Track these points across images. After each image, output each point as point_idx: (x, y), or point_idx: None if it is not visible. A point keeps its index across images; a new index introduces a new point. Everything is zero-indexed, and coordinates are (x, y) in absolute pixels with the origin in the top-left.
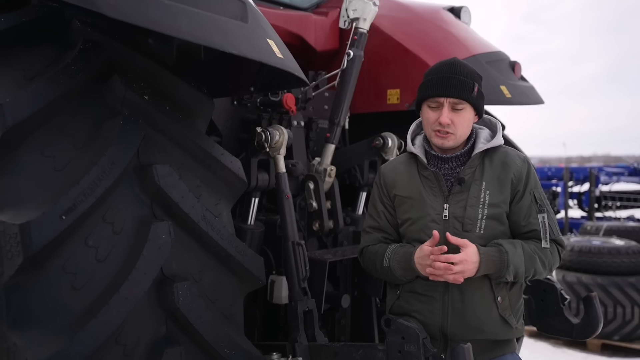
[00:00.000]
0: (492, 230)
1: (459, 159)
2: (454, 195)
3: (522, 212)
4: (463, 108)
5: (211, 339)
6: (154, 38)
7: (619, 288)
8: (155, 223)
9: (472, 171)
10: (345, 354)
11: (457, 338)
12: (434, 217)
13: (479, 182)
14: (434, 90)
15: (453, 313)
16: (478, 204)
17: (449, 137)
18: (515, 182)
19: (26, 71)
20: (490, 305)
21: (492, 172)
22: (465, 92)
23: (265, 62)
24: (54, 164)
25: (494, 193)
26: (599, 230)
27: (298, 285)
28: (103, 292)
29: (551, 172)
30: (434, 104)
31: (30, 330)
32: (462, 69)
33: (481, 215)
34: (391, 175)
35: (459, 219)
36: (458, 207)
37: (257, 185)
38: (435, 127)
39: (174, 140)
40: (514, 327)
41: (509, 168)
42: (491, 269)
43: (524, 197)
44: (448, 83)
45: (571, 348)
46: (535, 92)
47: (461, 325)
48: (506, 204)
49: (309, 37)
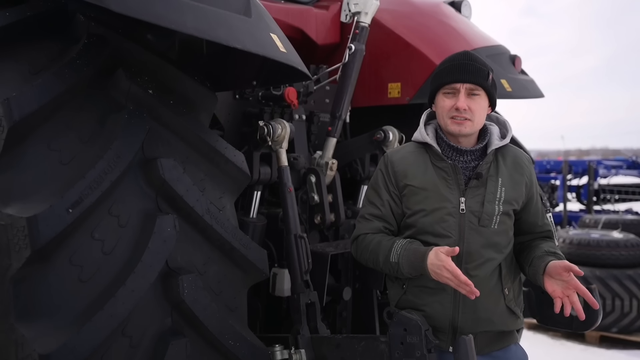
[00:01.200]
0: (503, 225)
1: (474, 153)
2: (471, 190)
3: (538, 214)
4: (479, 94)
5: (216, 330)
6: (158, 32)
7: (617, 281)
8: (161, 216)
9: (488, 167)
10: (347, 346)
11: (466, 330)
12: (450, 210)
13: (495, 179)
14: (451, 77)
15: (464, 306)
16: (495, 199)
17: (466, 124)
18: (528, 184)
19: (31, 66)
20: (499, 297)
21: (505, 169)
22: (482, 77)
23: (269, 57)
24: (60, 158)
25: (508, 190)
26: (597, 223)
27: (300, 277)
28: (109, 285)
29: (550, 166)
30: (450, 91)
31: (38, 322)
32: (477, 57)
33: (497, 211)
34: (401, 164)
35: (476, 213)
36: (475, 202)
37: (260, 178)
38: (451, 114)
39: (178, 134)
40: (519, 317)
41: (522, 170)
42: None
43: (536, 199)
44: (465, 69)
45: (570, 340)
46: (536, 85)
47: (472, 317)
48: (518, 202)
49: (310, 30)
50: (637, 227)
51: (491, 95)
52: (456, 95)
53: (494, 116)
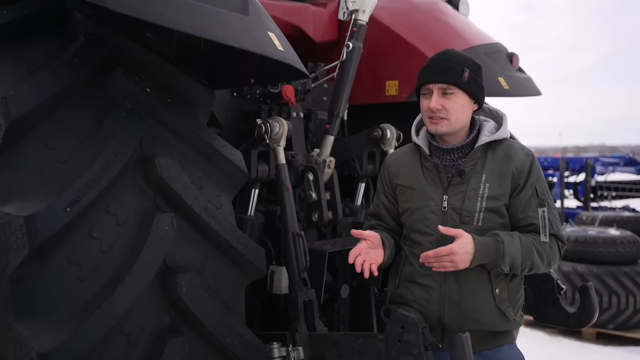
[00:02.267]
0: (490, 222)
1: (461, 150)
2: (454, 187)
3: (520, 205)
4: (453, 93)
5: (214, 328)
6: (155, 31)
7: (614, 277)
8: (158, 215)
9: (474, 163)
10: (345, 344)
11: (453, 328)
12: (433, 208)
13: (479, 175)
14: (424, 77)
15: (450, 303)
16: (477, 196)
17: (442, 123)
18: (516, 175)
19: (29, 64)
20: (488, 297)
21: (493, 164)
22: (453, 76)
23: (267, 55)
24: (57, 156)
25: (493, 186)
26: (594, 220)
27: (298, 275)
28: (107, 283)
29: (547, 163)
30: (426, 92)
31: (36, 320)
32: (453, 56)
33: (479, 207)
34: (394, 165)
35: (457, 210)
36: (457, 199)
37: (257, 176)
38: (428, 114)
39: (176, 133)
40: (511, 319)
41: (511, 161)
42: (486, 259)
43: (524, 190)
44: (436, 69)
45: (566, 337)
46: (533, 83)
47: (458, 315)
48: (506, 197)
49: (308, 28)
50: (633, 224)
51: (471, 92)
52: (431, 95)
53: (493, 109)
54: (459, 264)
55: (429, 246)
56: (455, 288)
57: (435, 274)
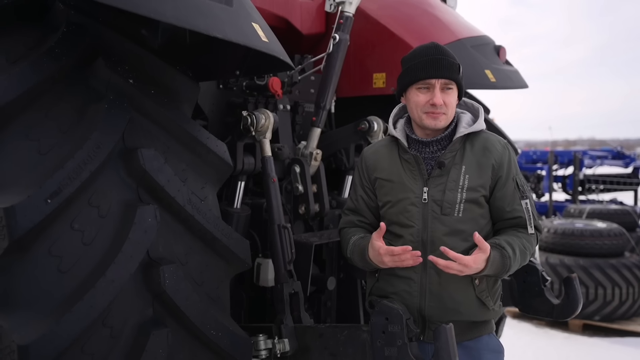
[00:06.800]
0: (470, 213)
1: (440, 142)
2: (434, 179)
3: (506, 199)
4: (452, 88)
5: (197, 321)
6: (139, 21)
7: (600, 270)
8: (141, 207)
9: (453, 155)
10: (330, 335)
11: (434, 319)
12: (414, 200)
13: (459, 166)
14: (425, 72)
15: (430, 294)
16: (457, 187)
17: (442, 117)
18: (496, 167)
19: (9, 55)
20: (467, 287)
21: (472, 156)
22: (454, 72)
23: (251, 46)
24: (38, 148)
25: (473, 177)
26: (582, 213)
27: (284, 267)
28: (89, 275)
29: (536, 156)
30: (425, 86)
31: (17, 312)
32: (447, 51)
33: (460, 199)
34: (372, 158)
35: (438, 202)
36: (437, 191)
37: (243, 168)
38: (426, 109)
39: (159, 124)
40: (490, 309)
41: (490, 154)
42: (491, 272)
43: (508, 184)
44: (439, 64)
45: (553, 328)
46: (520, 76)
47: (438, 306)
48: (485, 188)
49: (295, 20)
50: (620, 216)
51: (462, 87)
52: (431, 90)
53: (468, 102)
54: (466, 272)
55: (410, 238)
56: (435, 279)
57: (416, 266)
